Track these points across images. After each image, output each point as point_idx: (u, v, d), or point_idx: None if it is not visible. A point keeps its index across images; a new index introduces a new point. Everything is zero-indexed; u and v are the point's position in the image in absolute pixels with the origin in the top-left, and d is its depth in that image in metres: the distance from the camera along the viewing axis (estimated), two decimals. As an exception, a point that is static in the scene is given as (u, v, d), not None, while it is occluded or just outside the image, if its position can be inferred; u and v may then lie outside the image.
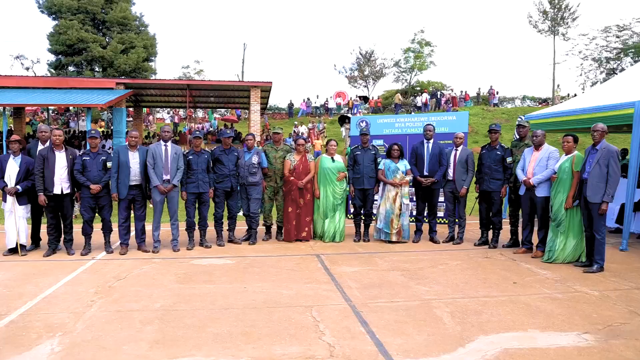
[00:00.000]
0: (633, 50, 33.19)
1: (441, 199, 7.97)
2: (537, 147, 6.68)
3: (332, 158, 7.64)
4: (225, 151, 7.30)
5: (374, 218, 7.91)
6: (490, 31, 72.68)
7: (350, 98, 34.20)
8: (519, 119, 10.30)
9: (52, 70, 30.60)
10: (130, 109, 23.64)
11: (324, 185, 7.58)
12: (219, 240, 7.36)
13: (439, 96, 31.82)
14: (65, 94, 16.41)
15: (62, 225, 6.70)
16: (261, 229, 7.87)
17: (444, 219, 8.18)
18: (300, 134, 23.79)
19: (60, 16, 29.53)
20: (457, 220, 7.73)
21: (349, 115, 27.26)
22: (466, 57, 71.12)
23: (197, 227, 7.20)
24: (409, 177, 7.51)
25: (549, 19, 35.69)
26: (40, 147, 6.68)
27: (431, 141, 7.58)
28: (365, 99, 34.15)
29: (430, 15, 74.08)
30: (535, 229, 6.82)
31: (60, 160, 6.43)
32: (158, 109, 35.16)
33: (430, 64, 40.11)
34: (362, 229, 7.86)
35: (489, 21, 73.73)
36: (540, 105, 34.81)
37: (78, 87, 17.54)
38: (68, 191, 6.53)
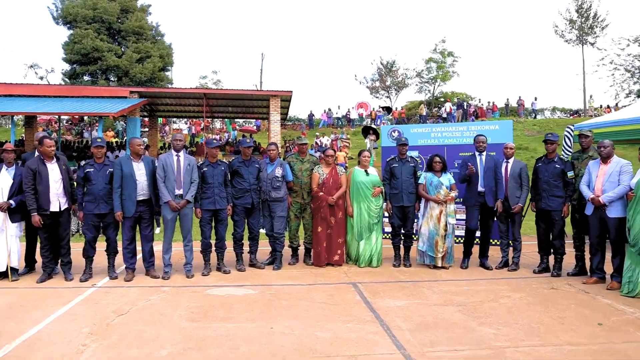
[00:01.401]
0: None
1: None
2: (605, 159, 5.69)
3: (366, 171, 6.71)
4: (245, 162, 6.42)
5: (415, 238, 6.93)
6: (516, 41, 71.48)
7: (373, 109, 33.35)
8: (567, 130, 9.32)
9: (66, 79, 30.29)
10: (146, 119, 23.10)
11: (357, 202, 6.64)
12: (239, 264, 6.44)
13: (465, 107, 30.74)
14: (78, 103, 15.82)
15: (58, 246, 5.86)
16: (286, 250, 6.93)
17: (496, 241, 7.16)
18: (323, 145, 22.95)
19: (75, 25, 29.29)
20: (511, 242, 6.70)
21: (373, 126, 26.47)
22: (491, 67, 69.80)
23: (213, 248, 6.30)
24: (454, 193, 6.54)
25: (577, 28, 34.53)
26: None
27: (484, 154, 6.60)
28: (388, 109, 33.25)
29: (454, 25, 73.02)
30: (608, 255, 5.79)
31: (54, 172, 5.64)
32: (175, 119, 34.76)
33: (453, 74, 39.19)
34: (402, 252, 6.88)
35: (514, 31, 72.66)
36: (572, 117, 33.54)
37: (91, 95, 16.97)
38: (66, 206, 5.73)
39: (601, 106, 33.74)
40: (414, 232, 6.93)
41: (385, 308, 4.79)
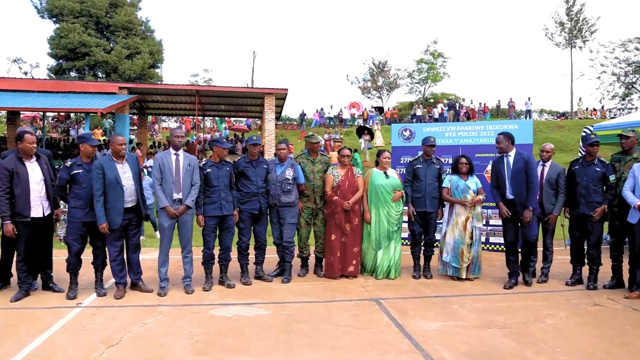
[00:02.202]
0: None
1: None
2: (655, 162, 5.09)
3: (385, 173, 6.05)
4: (253, 163, 5.72)
5: (436, 245, 6.30)
6: (505, 43, 71.52)
7: (365, 109, 32.78)
8: (585, 131, 8.77)
9: (52, 75, 29.15)
10: (134, 117, 22.22)
11: (376, 207, 5.98)
12: (244, 277, 5.75)
13: (457, 108, 30.31)
14: (63, 99, 14.95)
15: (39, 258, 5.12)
16: (295, 260, 6.19)
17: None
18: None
19: (61, 19, 28.17)
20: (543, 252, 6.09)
21: (367, 126, 25.87)
22: (481, 69, 69.75)
23: (216, 260, 5.60)
24: (481, 197, 5.92)
25: (566, 31, 34.42)
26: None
27: (511, 154, 5.71)
28: (380, 109, 32.79)
29: (445, 26, 73.02)
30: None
31: (35, 173, 4.89)
32: (164, 117, 33.81)
33: (444, 75, 38.88)
34: (421, 261, 6.24)
35: (504, 33, 72.65)
36: (559, 120, 33.42)
37: (78, 91, 16.11)
38: (49, 211, 4.99)
39: (587, 109, 33.68)
40: (436, 240, 6.31)
41: (422, 332, 4.14)
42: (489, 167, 7.93)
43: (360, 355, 3.66)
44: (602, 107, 33.45)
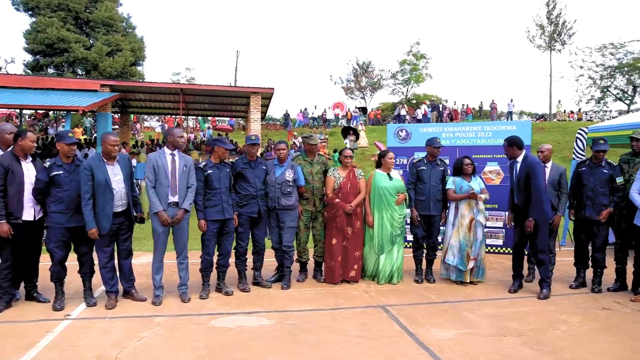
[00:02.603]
0: (627, 68, 32.73)
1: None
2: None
3: (388, 174, 5.85)
4: (251, 164, 5.46)
5: (440, 247, 6.13)
6: (487, 46, 72.33)
7: (349, 109, 32.64)
8: (579, 133, 8.74)
9: (28, 71, 28.12)
10: (116, 115, 21.61)
11: (379, 210, 5.77)
12: (242, 283, 5.48)
13: (440, 109, 30.41)
14: (42, 95, 14.31)
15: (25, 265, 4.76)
16: (293, 265, 5.93)
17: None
18: (299, 146, 22.05)
19: (38, 12, 27.18)
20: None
21: (352, 126, 25.74)
22: (463, 71, 70.44)
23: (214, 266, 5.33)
24: (485, 196, 5.74)
25: (546, 34, 34.91)
26: None
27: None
28: (364, 110, 32.68)
29: (427, 28, 73.51)
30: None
31: (30, 173, 4.56)
32: (145, 116, 33.09)
33: (426, 76, 39.08)
34: (423, 265, 6.07)
35: (486, 36, 73.43)
36: (538, 121, 33.88)
37: (57, 88, 15.43)
38: (41, 215, 4.65)
39: (565, 111, 34.23)
40: (439, 243, 6.14)
41: (436, 342, 3.95)
42: (487, 169, 7.87)
43: (376, 369, 3.45)
44: (579, 110, 34.04)
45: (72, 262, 4.80)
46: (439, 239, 6.14)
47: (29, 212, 4.52)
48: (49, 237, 4.55)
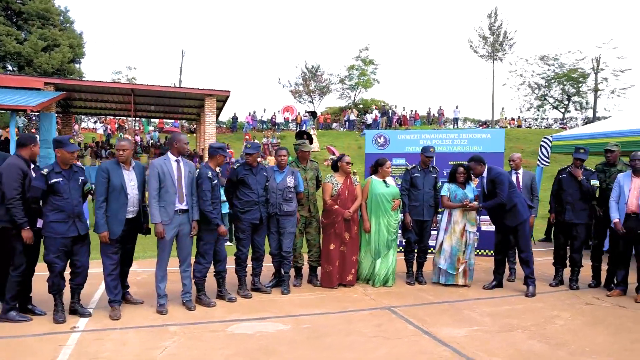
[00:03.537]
0: (562, 78, 35.56)
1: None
2: (639, 172, 5.56)
3: (384, 181, 6.01)
4: (252, 170, 5.41)
5: (431, 251, 6.37)
6: (434, 53, 75.15)
7: (299, 113, 32.76)
8: (544, 141, 9.41)
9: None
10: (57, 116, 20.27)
11: (376, 216, 5.91)
12: (243, 289, 5.41)
13: (390, 114, 31.31)
14: (-20, 93, 13.22)
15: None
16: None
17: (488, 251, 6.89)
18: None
19: (-38, 1, 25.10)
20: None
21: (307, 130, 25.84)
22: (410, 77, 72.78)
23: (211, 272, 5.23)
24: (476, 203, 6.04)
25: (489, 44, 37.04)
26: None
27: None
28: (314, 114, 32.89)
29: (375, 34, 75.19)
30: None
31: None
32: (82, 116, 31.28)
33: (374, 81, 40.02)
34: (414, 268, 6.28)
35: (433, 43, 76.24)
36: (481, 127, 35.83)
37: (-4, 85, 14.33)
38: (40, 225, 4.39)
39: (506, 118, 36.51)
40: (430, 247, 6.39)
41: (454, 339, 4.14)
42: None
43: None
44: (519, 117, 36.38)
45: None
46: (430, 243, 6.38)
47: (38, 220, 4.31)
48: (48, 247, 4.27)
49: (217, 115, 21.31)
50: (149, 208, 4.67)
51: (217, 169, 5.15)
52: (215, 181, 4.97)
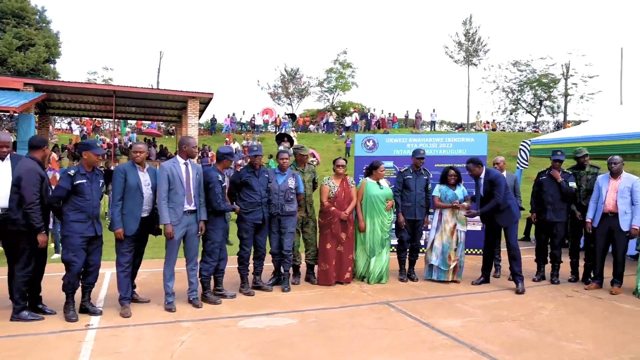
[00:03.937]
0: (535, 83, 36.75)
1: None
2: (616, 175, 6.01)
3: (378, 183, 6.29)
4: (256, 172, 5.61)
5: (422, 251, 6.68)
6: (411, 57, 76.07)
7: (278, 115, 32.91)
8: (523, 144, 9.88)
9: None
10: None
11: (371, 217, 6.19)
12: (245, 287, 5.61)
13: (369, 117, 31.80)
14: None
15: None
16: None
17: (479, 250, 7.26)
18: (236, 151, 21.90)
19: None
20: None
21: (286, 133, 26.02)
22: (387, 80, 73.69)
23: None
24: (467, 203, 6.37)
25: (464, 50, 38.00)
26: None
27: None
28: (293, 116, 33.12)
29: (354, 38, 75.87)
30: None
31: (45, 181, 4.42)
32: (57, 117, 30.66)
33: (352, 84, 40.52)
34: (406, 265, 6.58)
35: (410, 47, 77.28)
36: (456, 130, 36.71)
37: (-27, 85, 14.05)
38: (51, 225, 4.53)
39: (481, 121, 37.51)
40: (422, 245, 6.70)
41: (452, 329, 4.45)
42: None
43: (417, 354, 3.87)
44: (493, 120, 37.41)
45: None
46: (422, 241, 6.70)
47: (50, 221, 4.40)
48: (67, 247, 4.39)
49: (200, 117, 21.31)
50: (159, 209, 4.83)
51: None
52: (225, 184, 5.18)
